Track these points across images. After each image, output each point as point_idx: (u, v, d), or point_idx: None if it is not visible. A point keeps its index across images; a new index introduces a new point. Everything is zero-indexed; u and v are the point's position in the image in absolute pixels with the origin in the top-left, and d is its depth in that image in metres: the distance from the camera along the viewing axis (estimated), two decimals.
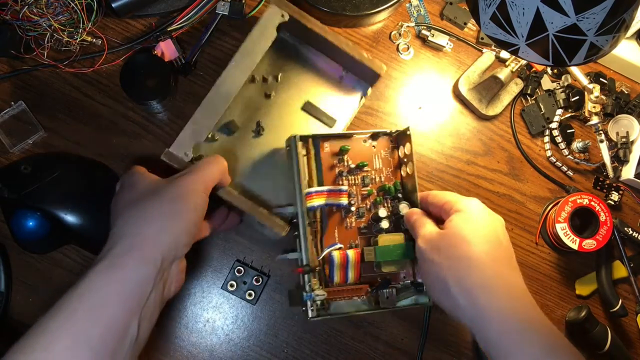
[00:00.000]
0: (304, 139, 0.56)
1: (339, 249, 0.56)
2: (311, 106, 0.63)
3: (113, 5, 0.59)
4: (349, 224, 0.58)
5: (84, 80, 0.63)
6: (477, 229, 0.51)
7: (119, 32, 0.64)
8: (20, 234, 0.57)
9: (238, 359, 0.61)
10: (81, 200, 0.57)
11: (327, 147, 0.58)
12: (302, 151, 0.56)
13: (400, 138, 0.60)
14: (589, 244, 0.63)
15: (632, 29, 0.66)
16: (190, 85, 0.64)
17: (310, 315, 0.53)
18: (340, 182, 0.58)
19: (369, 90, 0.63)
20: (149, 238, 0.47)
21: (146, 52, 0.62)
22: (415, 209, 0.57)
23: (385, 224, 0.58)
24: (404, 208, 0.58)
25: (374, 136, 0.60)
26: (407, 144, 0.58)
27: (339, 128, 0.63)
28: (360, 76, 0.63)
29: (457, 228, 0.51)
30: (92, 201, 0.58)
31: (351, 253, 0.56)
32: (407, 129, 0.58)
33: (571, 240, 0.63)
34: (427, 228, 0.53)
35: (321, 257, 0.55)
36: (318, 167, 0.58)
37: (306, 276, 0.54)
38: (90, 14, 0.60)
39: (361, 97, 0.64)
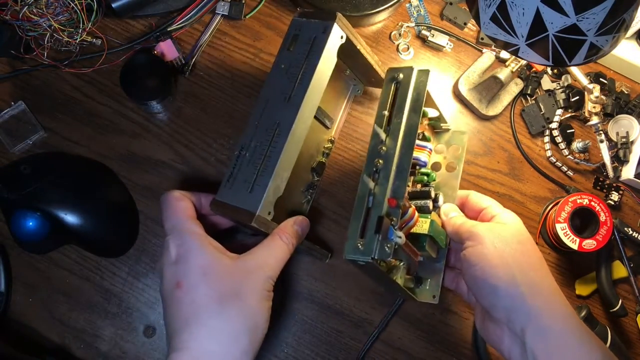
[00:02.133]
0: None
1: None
2: (320, 111, 0.61)
3: (113, 5, 0.60)
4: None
5: (84, 80, 0.63)
6: (519, 251, 0.51)
7: (119, 32, 0.64)
8: (20, 234, 0.57)
9: None
10: (81, 200, 0.57)
11: None
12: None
13: (455, 136, 0.63)
14: (589, 244, 0.63)
15: (632, 29, 0.66)
16: (190, 86, 0.64)
17: (378, 254, 0.47)
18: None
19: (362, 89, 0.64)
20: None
21: (146, 52, 0.62)
22: (454, 206, 0.58)
23: (431, 204, 0.57)
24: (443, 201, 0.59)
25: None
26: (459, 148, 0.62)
27: (335, 127, 0.63)
28: (366, 78, 0.63)
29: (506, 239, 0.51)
30: (92, 201, 0.58)
31: (415, 213, 0.54)
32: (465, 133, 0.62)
33: (571, 240, 0.63)
34: (480, 225, 0.53)
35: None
36: None
37: (395, 211, 0.49)
38: (90, 14, 0.60)
39: (349, 96, 0.64)
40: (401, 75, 0.53)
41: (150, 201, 0.62)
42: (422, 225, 0.55)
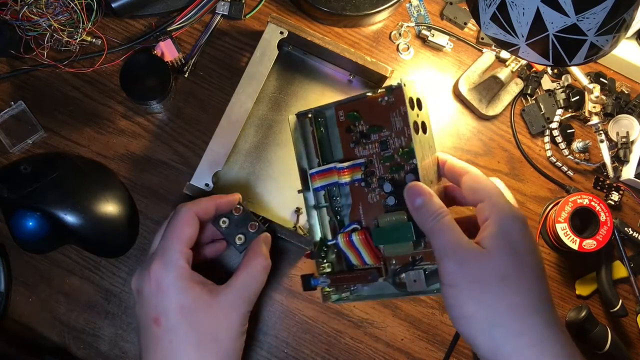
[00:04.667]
0: (302, 114, 0.51)
1: (354, 230, 0.48)
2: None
3: (113, 5, 0.59)
4: (371, 199, 0.48)
5: (84, 80, 0.63)
6: (521, 264, 0.40)
7: (119, 32, 0.64)
8: (20, 234, 0.57)
9: None
10: (81, 200, 0.57)
11: (342, 116, 0.50)
12: (295, 131, 0.51)
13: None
14: (589, 244, 0.63)
15: (632, 29, 0.66)
16: (190, 86, 0.64)
17: (322, 299, 0.50)
18: (359, 153, 0.49)
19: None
20: None
21: (146, 52, 0.62)
22: (419, 187, 0.43)
23: (391, 201, 0.47)
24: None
25: (389, 91, 0.47)
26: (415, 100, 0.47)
27: None
28: (368, 78, 0.64)
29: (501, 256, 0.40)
30: (92, 201, 0.58)
31: (355, 235, 0.48)
32: (400, 82, 0.46)
33: (571, 240, 0.63)
34: (451, 235, 0.41)
35: (332, 242, 0.50)
36: (327, 143, 0.51)
37: (315, 261, 0.50)
38: (90, 14, 0.60)
39: None
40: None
41: (150, 201, 0.62)
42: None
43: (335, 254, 0.51)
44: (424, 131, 0.47)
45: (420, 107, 0.48)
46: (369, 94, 0.48)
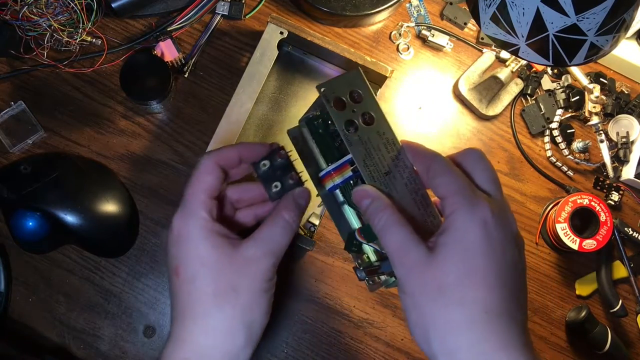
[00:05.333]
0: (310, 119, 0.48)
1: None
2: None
3: (113, 5, 0.59)
4: None
5: (84, 80, 0.63)
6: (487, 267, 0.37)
7: (119, 32, 0.64)
8: (20, 234, 0.57)
9: None
10: (81, 200, 0.57)
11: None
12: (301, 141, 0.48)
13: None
14: (589, 244, 0.63)
15: (632, 29, 0.66)
16: (190, 86, 0.64)
17: (368, 289, 0.45)
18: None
19: (379, 91, 0.64)
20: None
21: (146, 52, 0.62)
22: (362, 190, 0.42)
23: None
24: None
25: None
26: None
27: None
28: (368, 79, 0.63)
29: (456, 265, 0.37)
30: (92, 201, 0.58)
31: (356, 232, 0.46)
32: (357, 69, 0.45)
33: (571, 241, 0.63)
34: (398, 238, 0.39)
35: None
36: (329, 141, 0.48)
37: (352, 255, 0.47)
38: (90, 14, 0.60)
39: None
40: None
41: (150, 201, 0.62)
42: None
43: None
44: (369, 123, 0.44)
45: (358, 100, 0.45)
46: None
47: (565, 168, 0.68)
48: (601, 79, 0.69)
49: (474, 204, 0.38)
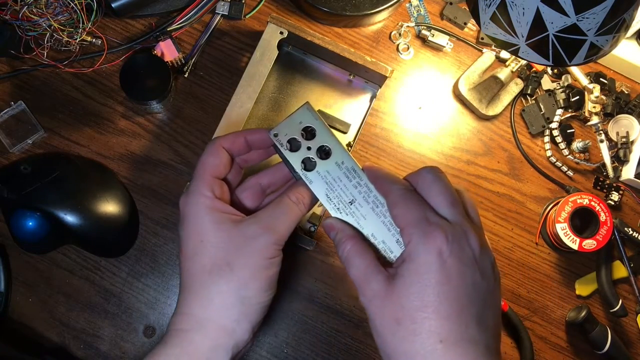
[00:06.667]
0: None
1: None
2: (323, 115, 0.63)
3: (113, 5, 0.59)
4: None
5: (84, 80, 0.63)
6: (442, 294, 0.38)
7: (119, 32, 0.64)
8: (20, 234, 0.57)
9: None
10: (81, 200, 0.57)
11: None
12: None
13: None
14: (589, 244, 0.63)
15: (632, 29, 0.66)
16: (190, 86, 0.64)
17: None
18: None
19: (379, 91, 0.64)
20: (222, 326, 0.45)
21: (146, 52, 0.62)
22: (328, 224, 0.45)
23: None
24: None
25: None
26: None
27: (353, 132, 0.64)
28: (368, 78, 0.64)
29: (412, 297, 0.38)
30: (92, 201, 0.58)
31: None
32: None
33: (571, 240, 0.63)
34: (359, 269, 0.42)
35: None
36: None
37: None
38: (90, 14, 0.60)
39: (371, 98, 0.65)
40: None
41: (150, 201, 0.62)
42: None
43: None
44: (327, 156, 0.45)
45: (313, 134, 0.46)
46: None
47: (565, 168, 0.68)
48: (601, 79, 0.69)
49: (427, 234, 0.39)
